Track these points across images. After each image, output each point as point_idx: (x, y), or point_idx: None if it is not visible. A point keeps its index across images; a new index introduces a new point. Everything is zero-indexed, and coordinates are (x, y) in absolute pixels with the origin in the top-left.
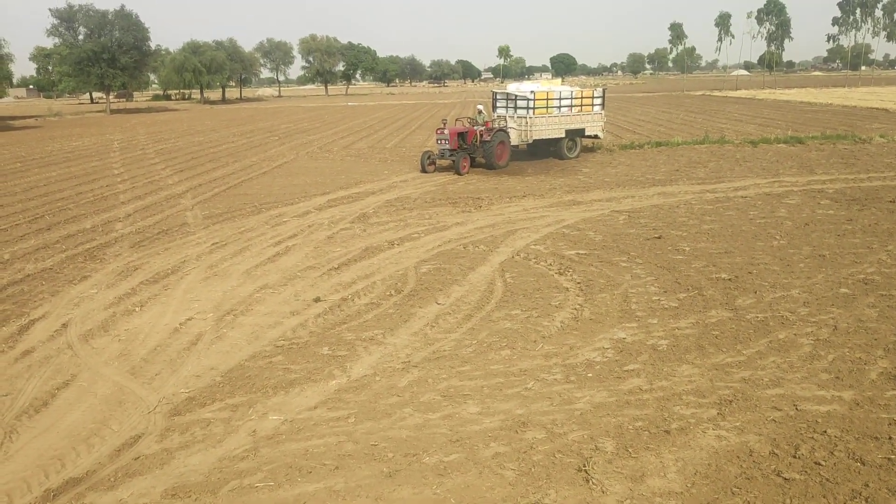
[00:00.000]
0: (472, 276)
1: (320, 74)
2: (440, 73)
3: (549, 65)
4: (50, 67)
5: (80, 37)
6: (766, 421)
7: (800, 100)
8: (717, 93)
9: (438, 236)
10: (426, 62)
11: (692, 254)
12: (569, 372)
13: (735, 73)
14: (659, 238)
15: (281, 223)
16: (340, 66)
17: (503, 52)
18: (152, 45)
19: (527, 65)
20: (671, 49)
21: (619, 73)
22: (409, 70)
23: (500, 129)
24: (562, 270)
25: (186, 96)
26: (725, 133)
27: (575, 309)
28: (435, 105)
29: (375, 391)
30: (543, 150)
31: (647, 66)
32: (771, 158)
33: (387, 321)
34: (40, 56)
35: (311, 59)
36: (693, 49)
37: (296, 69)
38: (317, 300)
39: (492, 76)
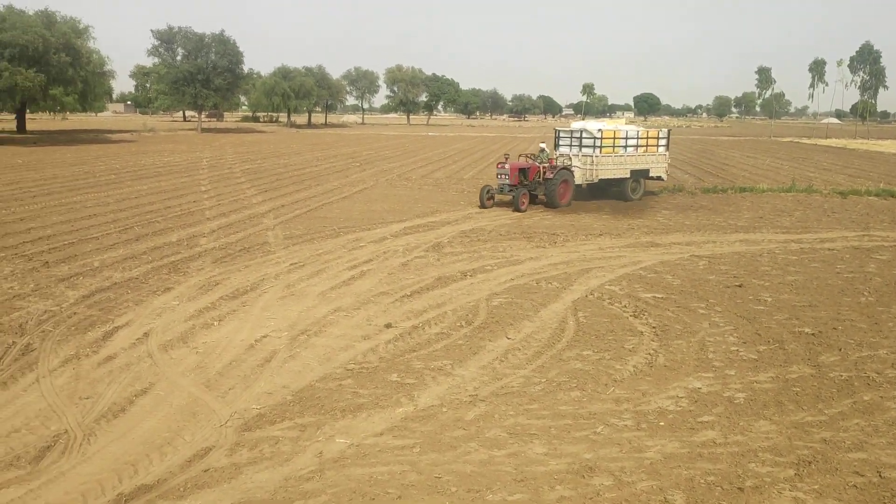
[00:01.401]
0: (544, 312)
1: (403, 104)
2: (521, 108)
3: (632, 103)
4: (148, 85)
5: (178, 57)
6: (847, 486)
7: (894, 151)
8: (805, 140)
9: (511, 270)
10: (508, 96)
11: (774, 305)
12: (640, 419)
13: (825, 120)
14: (740, 286)
15: (357, 248)
16: (423, 97)
17: (587, 89)
18: (245, 68)
19: (609, 103)
20: (759, 93)
21: (704, 115)
22: (490, 103)
23: (564, 168)
24: (637, 313)
25: (274, 119)
26: (813, 182)
27: (649, 354)
28: (514, 138)
29: (441, 422)
30: (603, 191)
31: (734, 109)
32: (861, 211)
33: (456, 352)
34: (140, 74)
35: (395, 88)
36: (782, 94)
37: (380, 98)
38: (388, 326)
39: (573, 112)
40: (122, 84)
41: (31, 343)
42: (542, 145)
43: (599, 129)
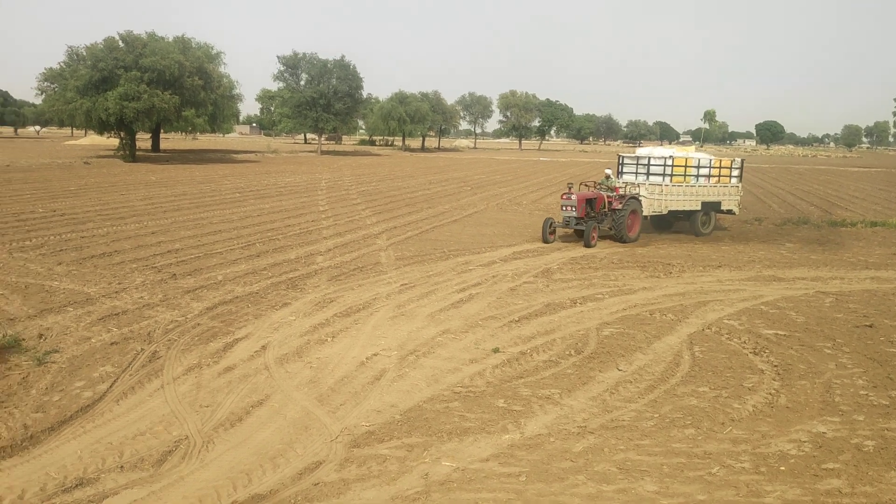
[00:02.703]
0: (658, 345)
1: (516, 129)
2: (636, 134)
3: (753, 131)
4: (272, 108)
5: (302, 82)
6: None
7: None
8: None
9: (623, 299)
10: (623, 121)
11: None
12: (759, 462)
13: None
14: (870, 327)
15: (466, 271)
16: (536, 122)
17: (709, 115)
18: (364, 93)
19: (730, 130)
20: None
21: (832, 144)
22: (604, 128)
23: (633, 197)
24: (757, 350)
25: (389, 143)
26: None
27: (770, 394)
28: None
29: (549, 452)
30: (668, 224)
31: (864, 139)
32: None
33: (564, 381)
34: (265, 97)
35: (508, 113)
36: None
37: (492, 122)
38: (496, 351)
39: (690, 140)
40: (249, 107)
41: (158, 351)
42: (608, 171)
43: (670, 156)
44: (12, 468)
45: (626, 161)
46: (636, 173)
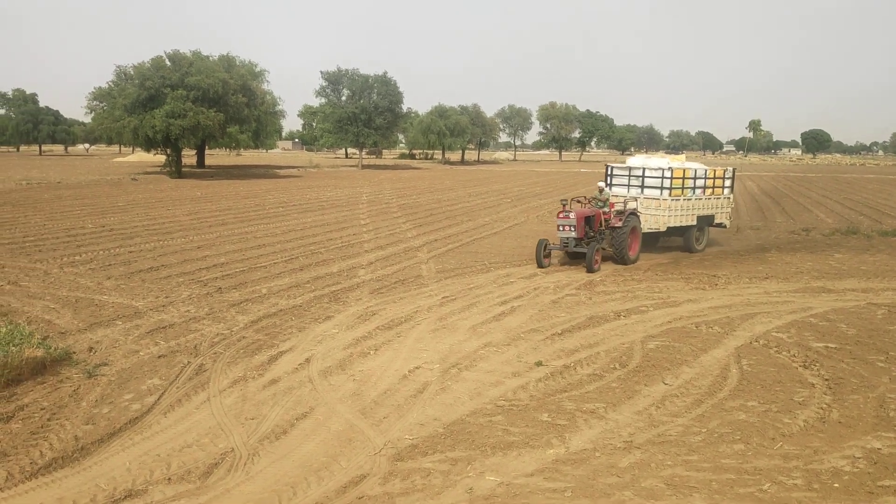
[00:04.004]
0: (704, 358)
1: (556, 140)
2: (678, 144)
3: (799, 140)
4: (314, 124)
5: (343, 98)
6: None
7: None
8: None
9: (668, 312)
10: (664, 132)
11: None
12: (811, 478)
13: None
14: None
15: (508, 283)
16: (576, 133)
17: (754, 125)
18: (404, 107)
19: (774, 139)
20: None
21: (880, 152)
22: (645, 139)
23: (633, 213)
24: (807, 363)
25: (429, 156)
26: None
27: (821, 408)
28: None
29: (594, 467)
30: (654, 241)
31: None
32: None
33: (609, 395)
34: (307, 113)
35: (548, 125)
36: None
37: (532, 134)
38: (539, 364)
39: (734, 149)
40: (291, 123)
41: (204, 364)
42: (601, 185)
43: (669, 167)
44: (64, 479)
45: (615, 172)
46: (628, 186)
